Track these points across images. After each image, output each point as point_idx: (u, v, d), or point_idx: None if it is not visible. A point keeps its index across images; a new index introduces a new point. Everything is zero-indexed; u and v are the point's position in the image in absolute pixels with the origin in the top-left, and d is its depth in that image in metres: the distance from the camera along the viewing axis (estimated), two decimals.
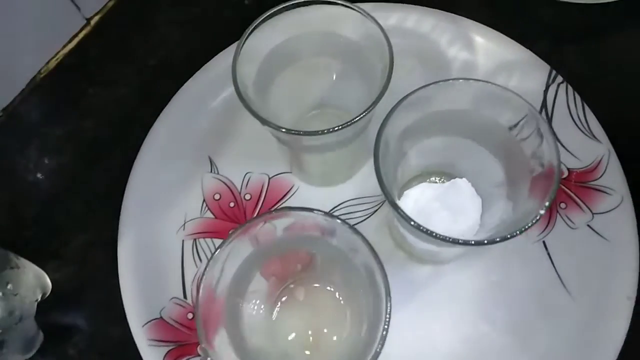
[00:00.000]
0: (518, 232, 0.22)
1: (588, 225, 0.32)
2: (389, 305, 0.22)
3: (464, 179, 0.30)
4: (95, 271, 0.34)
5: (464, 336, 0.30)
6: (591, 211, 0.32)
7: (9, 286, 0.29)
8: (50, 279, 0.33)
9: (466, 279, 0.31)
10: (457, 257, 0.31)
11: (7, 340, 0.28)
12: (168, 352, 0.30)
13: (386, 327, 0.22)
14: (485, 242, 0.22)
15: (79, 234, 0.35)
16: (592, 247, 0.31)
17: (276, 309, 0.30)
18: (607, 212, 0.31)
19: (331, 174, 0.33)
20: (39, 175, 0.37)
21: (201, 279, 0.23)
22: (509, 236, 0.22)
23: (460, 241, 0.22)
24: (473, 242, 0.22)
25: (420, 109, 0.26)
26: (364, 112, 0.26)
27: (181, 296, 0.32)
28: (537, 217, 0.22)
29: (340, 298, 0.29)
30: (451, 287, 0.31)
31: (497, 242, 0.22)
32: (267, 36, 0.27)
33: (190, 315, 0.31)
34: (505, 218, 0.27)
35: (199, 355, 0.30)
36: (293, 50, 0.28)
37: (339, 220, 0.23)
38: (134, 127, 0.36)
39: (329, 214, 0.23)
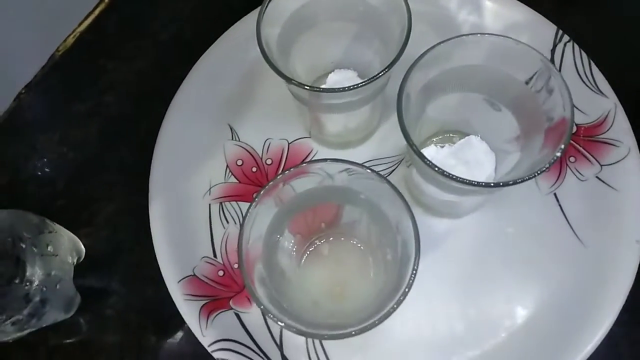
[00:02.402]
0: (537, 172, 0.23)
1: (597, 177, 0.33)
2: (417, 250, 0.23)
3: (477, 136, 0.32)
4: (125, 237, 0.35)
5: (481, 284, 0.32)
6: (599, 163, 0.33)
7: (49, 248, 0.30)
8: (83, 245, 0.35)
9: (482, 231, 0.33)
10: (473, 209, 0.33)
11: (49, 298, 0.30)
12: (203, 306, 0.31)
13: (415, 270, 0.23)
14: (501, 184, 0.24)
15: (107, 203, 0.36)
16: (601, 197, 0.33)
17: (302, 260, 0.31)
18: (614, 163, 0.33)
19: (349, 135, 0.35)
20: (65, 149, 0.38)
21: (241, 233, 0.24)
22: (527, 178, 0.23)
23: (483, 184, 0.24)
24: (492, 185, 0.24)
25: (438, 65, 0.28)
26: (383, 70, 0.27)
27: (211, 255, 0.33)
28: (553, 159, 0.24)
29: (364, 249, 0.31)
30: (468, 238, 0.33)
31: (518, 183, 0.24)
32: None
33: (220, 273, 0.33)
34: (518, 171, 0.29)
35: (231, 309, 0.32)
36: (313, 14, 0.30)
37: (368, 169, 0.24)
38: (154, 99, 0.37)
39: (358, 163, 0.25)
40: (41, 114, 0.39)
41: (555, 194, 0.33)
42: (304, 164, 0.25)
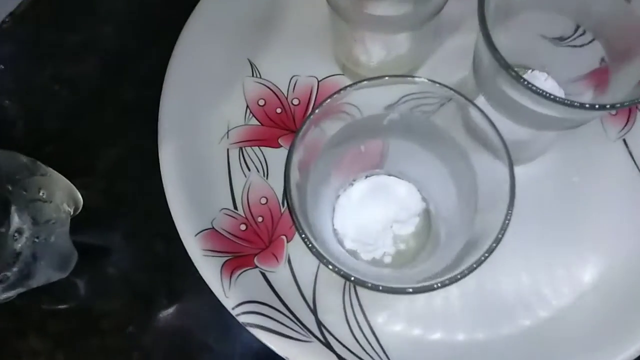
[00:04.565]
0: None
1: None
2: (513, 189, 0.19)
3: (542, 72, 0.28)
4: (128, 186, 0.31)
5: (546, 236, 0.28)
6: None
7: (42, 193, 0.26)
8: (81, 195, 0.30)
9: (546, 180, 0.29)
10: (539, 152, 0.29)
11: (42, 252, 0.25)
12: (224, 263, 0.27)
13: (510, 213, 0.19)
14: (608, 106, 0.20)
15: (108, 148, 0.31)
16: None
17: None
18: None
19: (390, 69, 0.30)
20: (56, 86, 0.33)
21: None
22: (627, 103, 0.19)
23: (587, 106, 0.19)
24: (598, 107, 0.20)
25: None
26: None
27: (231, 207, 0.29)
28: None
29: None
30: (531, 188, 0.28)
31: (628, 105, 0.19)
32: None
33: (243, 227, 0.28)
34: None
35: (255, 267, 0.27)
36: None
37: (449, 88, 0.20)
38: (160, 30, 0.32)
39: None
40: (29, 46, 0.34)
41: (624, 140, 0.29)
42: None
